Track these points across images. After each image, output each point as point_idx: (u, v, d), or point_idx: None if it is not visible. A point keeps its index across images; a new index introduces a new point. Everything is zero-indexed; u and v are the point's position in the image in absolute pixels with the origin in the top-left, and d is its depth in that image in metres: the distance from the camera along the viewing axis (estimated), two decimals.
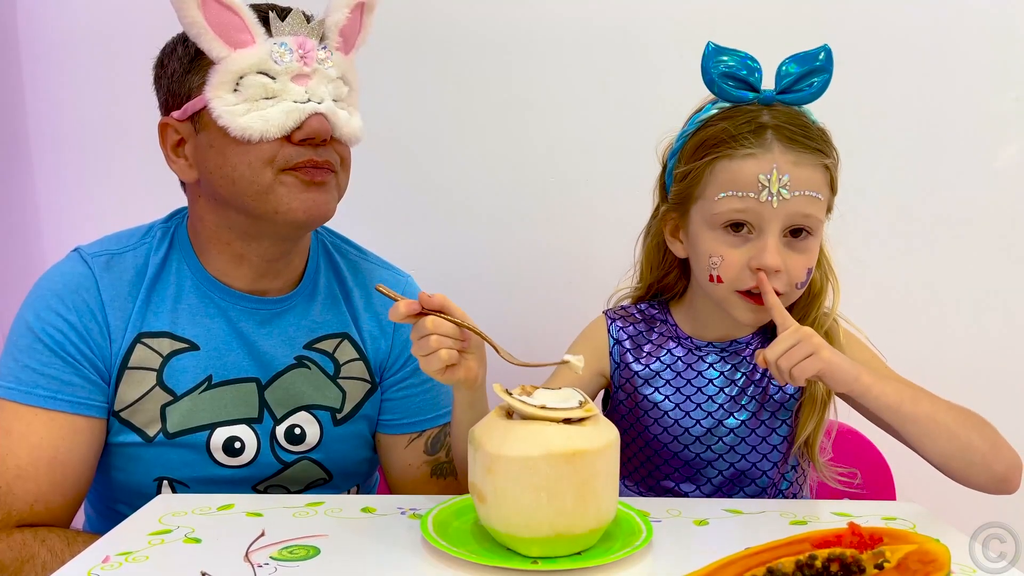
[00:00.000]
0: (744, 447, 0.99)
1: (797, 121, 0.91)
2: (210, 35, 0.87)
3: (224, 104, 0.88)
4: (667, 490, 1.02)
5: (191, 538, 0.76)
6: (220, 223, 0.96)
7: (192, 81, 0.90)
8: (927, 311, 1.51)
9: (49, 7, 1.47)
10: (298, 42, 0.90)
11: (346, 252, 1.10)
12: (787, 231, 0.90)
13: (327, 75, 0.92)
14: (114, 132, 1.50)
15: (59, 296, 0.93)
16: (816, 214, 0.91)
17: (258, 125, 0.88)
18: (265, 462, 0.98)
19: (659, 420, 1.00)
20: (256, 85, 0.88)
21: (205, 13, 0.86)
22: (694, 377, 1.00)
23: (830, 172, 0.92)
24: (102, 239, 1.00)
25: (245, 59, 0.88)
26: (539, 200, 1.53)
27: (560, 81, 1.50)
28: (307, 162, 0.91)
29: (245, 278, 0.99)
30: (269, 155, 0.89)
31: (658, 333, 1.03)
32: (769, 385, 1.00)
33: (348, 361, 1.03)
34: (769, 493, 1.01)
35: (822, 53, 0.91)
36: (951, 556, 0.62)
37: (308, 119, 0.89)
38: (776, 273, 0.90)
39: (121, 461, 0.95)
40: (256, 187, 0.90)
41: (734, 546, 0.71)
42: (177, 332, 0.96)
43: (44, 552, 0.84)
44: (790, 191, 0.88)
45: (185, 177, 0.95)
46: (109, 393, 0.94)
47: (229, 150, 0.89)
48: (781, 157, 0.89)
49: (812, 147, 0.90)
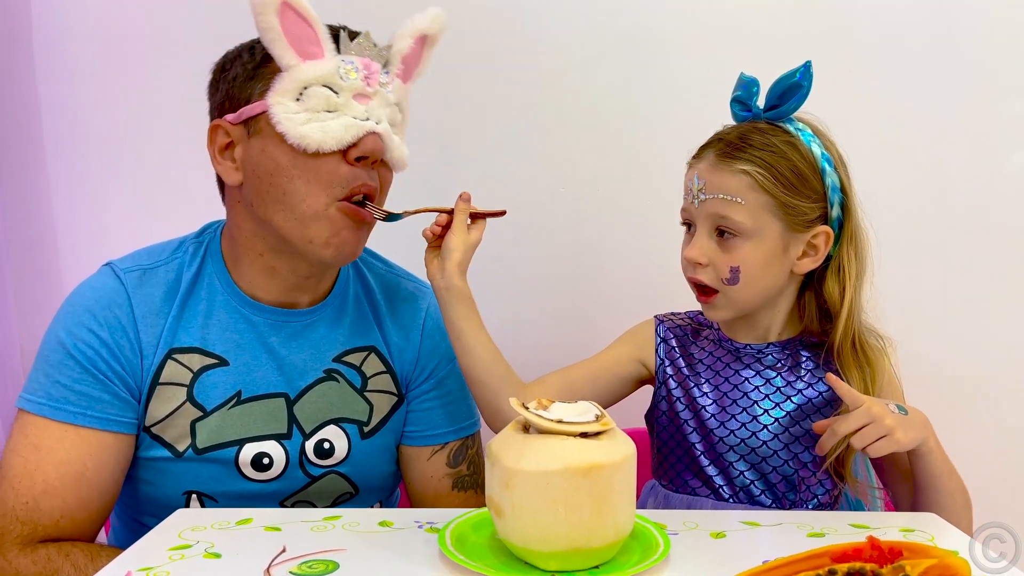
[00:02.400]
0: (777, 444, 1.01)
1: (746, 135, 0.99)
2: (283, 42, 0.89)
3: (285, 111, 0.89)
4: (701, 484, 1.04)
5: (211, 553, 0.76)
6: (256, 232, 0.96)
7: (253, 87, 0.92)
8: (937, 316, 1.51)
9: (65, 17, 1.48)
10: (364, 63, 0.92)
11: (372, 265, 1.11)
12: (715, 230, 0.99)
13: (387, 99, 0.94)
14: (130, 147, 1.51)
15: (91, 312, 0.93)
16: (733, 216, 0.97)
17: (317, 135, 0.89)
18: (293, 476, 0.98)
19: (698, 414, 1.04)
20: (319, 97, 0.89)
21: (282, 21, 0.88)
22: (732, 375, 1.04)
23: (757, 179, 0.97)
24: (133, 254, 1.00)
25: (312, 70, 0.89)
26: (552, 207, 1.54)
27: (572, 87, 1.50)
28: (360, 188, 0.92)
29: (275, 291, 0.99)
30: (326, 175, 0.90)
31: (703, 336, 1.09)
32: (808, 389, 1.02)
33: (375, 374, 1.04)
34: (802, 496, 1.02)
35: (802, 71, 0.98)
36: (971, 570, 0.62)
37: (365, 137, 0.91)
38: (699, 266, 1.00)
39: (150, 475, 0.96)
40: (305, 206, 0.91)
41: (752, 559, 0.71)
42: (207, 348, 0.97)
43: (68, 567, 0.85)
44: (706, 194, 0.99)
45: (229, 179, 0.96)
46: (139, 409, 0.94)
47: (284, 159, 0.90)
48: (705, 165, 1.00)
49: (737, 156, 0.98)
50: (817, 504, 1.03)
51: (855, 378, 1.00)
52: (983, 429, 1.52)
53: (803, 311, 1.06)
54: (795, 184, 0.98)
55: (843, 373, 1.00)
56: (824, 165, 0.99)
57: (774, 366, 1.04)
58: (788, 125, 1.00)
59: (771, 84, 1.00)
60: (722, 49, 1.45)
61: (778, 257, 1.00)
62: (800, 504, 1.02)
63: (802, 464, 1.01)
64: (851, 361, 1.01)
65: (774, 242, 0.99)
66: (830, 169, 0.99)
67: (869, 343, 1.02)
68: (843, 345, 1.01)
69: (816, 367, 1.04)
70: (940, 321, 1.51)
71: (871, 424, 0.88)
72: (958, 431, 1.53)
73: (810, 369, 1.04)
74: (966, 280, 1.51)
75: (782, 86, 0.99)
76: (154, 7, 1.47)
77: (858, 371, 1.01)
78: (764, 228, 0.98)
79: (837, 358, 1.02)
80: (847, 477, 1.01)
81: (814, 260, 1.01)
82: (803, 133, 1.00)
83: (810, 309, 1.05)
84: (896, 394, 1.05)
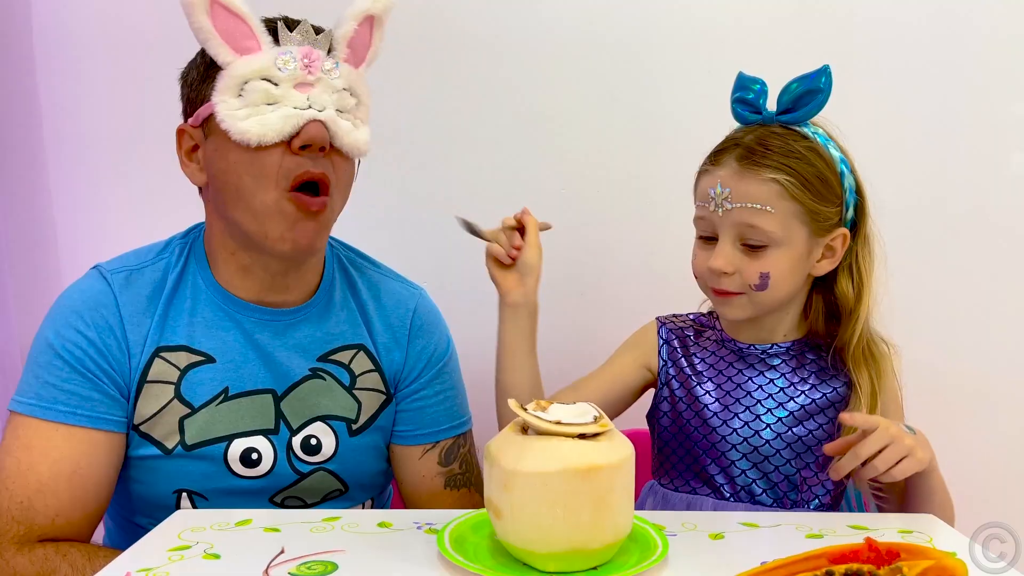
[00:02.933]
0: (779, 443, 1.01)
1: (765, 140, 0.98)
2: (217, 40, 0.89)
3: (228, 108, 0.89)
4: (702, 483, 1.04)
5: (210, 554, 0.76)
6: (225, 231, 0.97)
7: (207, 89, 0.92)
8: (939, 318, 1.51)
9: (65, 18, 1.48)
10: (304, 51, 0.91)
11: (360, 265, 1.11)
12: (740, 240, 0.98)
13: (332, 85, 0.93)
14: (131, 148, 1.52)
15: (78, 313, 0.94)
16: (763, 226, 0.96)
17: (256, 129, 0.89)
18: (282, 473, 0.99)
19: (700, 413, 1.04)
20: (259, 91, 0.89)
21: (213, 19, 0.88)
22: (735, 375, 1.05)
23: (787, 187, 0.96)
24: (121, 256, 1.01)
25: (249, 65, 0.89)
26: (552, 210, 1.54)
27: (573, 91, 1.50)
28: (305, 175, 0.91)
29: (252, 289, 1.00)
30: (272, 168, 0.90)
31: (705, 337, 1.10)
32: (812, 391, 1.03)
33: (364, 372, 1.04)
34: (804, 496, 1.02)
35: (823, 76, 0.97)
36: (968, 571, 0.62)
37: (306, 125, 0.90)
38: (726, 275, 0.99)
39: (140, 474, 0.96)
40: (258, 202, 0.91)
41: (750, 561, 0.71)
42: (194, 345, 0.97)
43: (66, 567, 0.85)
44: (731, 202, 0.97)
45: (195, 181, 0.97)
46: (128, 408, 0.95)
47: (232, 156, 0.91)
48: (728, 172, 0.98)
49: (763, 164, 0.96)
50: (819, 504, 1.03)
51: (865, 379, 1.00)
52: (984, 430, 1.52)
53: (809, 312, 1.06)
54: (821, 190, 0.97)
55: (853, 374, 1.01)
56: (842, 168, 0.99)
57: (778, 367, 1.05)
58: (805, 129, 0.99)
59: (784, 87, 0.99)
60: (729, 54, 1.45)
61: (803, 261, 1.00)
62: (801, 504, 1.02)
63: (804, 464, 1.02)
64: (860, 362, 1.01)
65: (800, 248, 0.99)
66: (847, 172, 1.00)
67: (877, 346, 1.03)
68: (854, 346, 1.01)
69: (821, 369, 1.04)
70: (941, 323, 1.51)
71: (891, 445, 0.87)
72: (959, 432, 1.54)
73: (814, 371, 1.04)
74: (967, 282, 1.51)
75: (798, 90, 0.98)
76: (155, 8, 1.47)
77: (867, 371, 1.01)
78: (793, 235, 0.97)
79: (848, 359, 1.02)
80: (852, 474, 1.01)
81: (831, 262, 1.02)
82: (820, 137, 0.99)
83: (817, 310, 1.05)
84: (897, 400, 1.05)
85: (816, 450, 1.01)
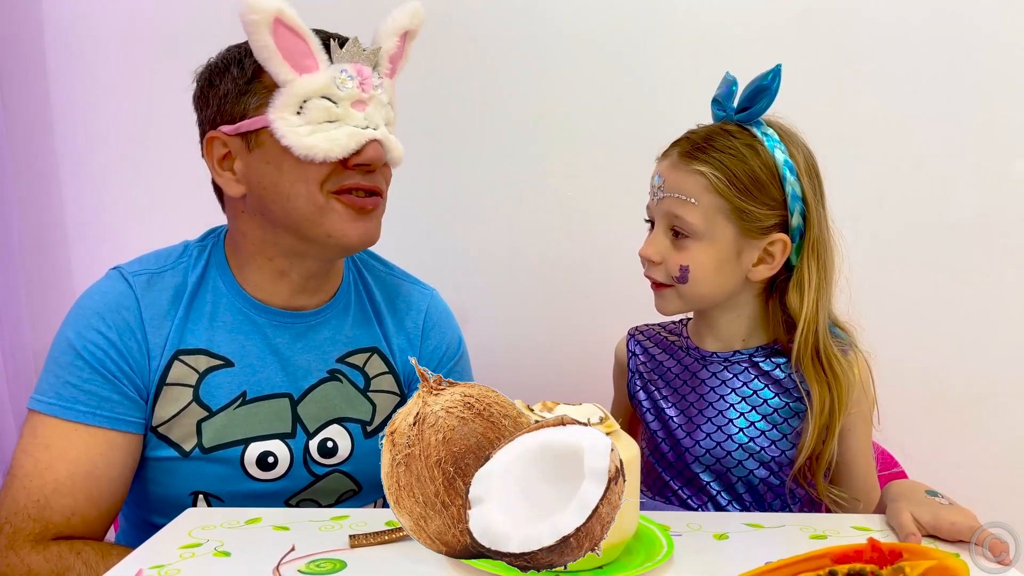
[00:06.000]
0: (742, 454, 1.01)
1: (712, 136, 0.99)
2: (279, 59, 0.90)
3: (288, 125, 0.91)
4: (672, 493, 1.04)
5: (221, 551, 0.77)
6: (266, 239, 0.98)
7: (247, 102, 0.93)
8: (941, 320, 1.51)
9: (76, 20, 1.50)
10: (357, 68, 0.93)
11: (373, 268, 1.13)
12: (670, 229, 1.00)
13: (380, 101, 0.96)
14: (141, 151, 1.53)
15: (100, 314, 0.95)
16: (686, 217, 0.98)
17: (324, 145, 0.91)
18: (298, 475, 1.00)
19: (666, 424, 1.04)
20: (319, 108, 0.91)
21: (276, 38, 0.89)
22: (698, 385, 1.04)
23: (712, 181, 0.97)
24: (140, 258, 1.02)
25: (310, 83, 0.91)
26: (555, 211, 1.55)
27: (576, 93, 1.51)
28: (356, 186, 0.94)
29: (282, 294, 1.01)
30: (324, 176, 0.93)
31: (672, 344, 1.10)
32: (775, 399, 1.02)
33: (378, 375, 1.06)
34: (771, 506, 1.02)
35: (771, 75, 0.98)
36: (970, 571, 0.63)
37: (367, 145, 0.93)
38: (653, 264, 1.01)
39: (158, 475, 0.98)
40: (312, 207, 0.93)
41: (754, 561, 0.71)
42: (213, 349, 0.98)
43: (80, 565, 0.86)
44: (664, 191, 1.00)
45: (231, 191, 0.97)
46: (147, 410, 0.96)
47: (287, 167, 0.92)
48: (667, 164, 1.01)
49: (697, 157, 0.98)
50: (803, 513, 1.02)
51: (815, 390, 0.99)
52: (984, 430, 1.52)
53: (769, 319, 1.05)
54: (750, 189, 0.97)
55: (806, 383, 1.00)
56: (785, 172, 0.97)
57: (739, 375, 1.04)
58: (755, 129, 1.00)
59: (745, 86, 1.00)
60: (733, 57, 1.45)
61: (730, 261, 0.99)
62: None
63: (769, 473, 1.01)
64: (811, 373, 1.00)
65: (726, 246, 0.98)
66: (791, 177, 0.97)
67: (835, 356, 1.00)
68: (803, 356, 1.00)
69: (785, 376, 1.03)
70: (944, 326, 1.51)
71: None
72: (959, 433, 1.54)
73: (778, 379, 1.03)
74: (970, 284, 1.51)
75: (750, 89, 0.99)
76: (165, 10, 1.49)
77: (818, 384, 0.99)
78: (716, 231, 0.98)
79: (803, 369, 1.00)
80: (819, 486, 1.00)
81: (770, 268, 1.00)
82: (768, 138, 0.98)
83: (775, 318, 1.04)
84: (866, 417, 1.03)
85: (780, 459, 1.01)
